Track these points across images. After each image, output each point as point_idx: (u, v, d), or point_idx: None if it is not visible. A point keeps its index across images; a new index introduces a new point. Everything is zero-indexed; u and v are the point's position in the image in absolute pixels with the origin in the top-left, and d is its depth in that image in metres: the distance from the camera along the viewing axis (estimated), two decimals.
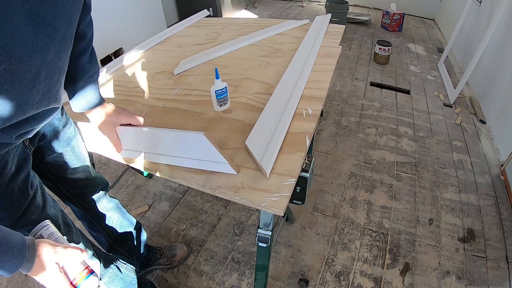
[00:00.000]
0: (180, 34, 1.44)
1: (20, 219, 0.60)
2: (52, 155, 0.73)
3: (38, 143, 0.69)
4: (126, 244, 1.05)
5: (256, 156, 0.68)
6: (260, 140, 0.73)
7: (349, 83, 2.62)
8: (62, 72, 0.57)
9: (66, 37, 0.53)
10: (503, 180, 1.67)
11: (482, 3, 2.53)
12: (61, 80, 0.58)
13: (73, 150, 0.77)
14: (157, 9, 3.21)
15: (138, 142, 0.74)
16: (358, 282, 1.22)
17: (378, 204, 1.54)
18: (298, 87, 0.93)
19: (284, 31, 1.41)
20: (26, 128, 0.54)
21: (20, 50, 0.43)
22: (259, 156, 0.68)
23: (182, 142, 0.65)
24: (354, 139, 1.97)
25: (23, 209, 0.60)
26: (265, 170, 0.64)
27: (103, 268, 0.84)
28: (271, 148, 0.70)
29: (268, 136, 0.74)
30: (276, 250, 1.33)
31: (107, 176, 1.73)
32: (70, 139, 0.75)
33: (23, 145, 0.62)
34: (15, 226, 0.60)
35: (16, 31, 0.42)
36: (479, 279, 1.23)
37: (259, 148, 0.70)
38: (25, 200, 0.61)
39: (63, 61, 0.56)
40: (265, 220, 0.77)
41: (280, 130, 0.76)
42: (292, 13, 4.47)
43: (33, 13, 0.43)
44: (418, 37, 3.62)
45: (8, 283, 1.25)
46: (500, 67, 2.07)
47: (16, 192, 0.59)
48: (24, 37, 0.43)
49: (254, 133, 0.76)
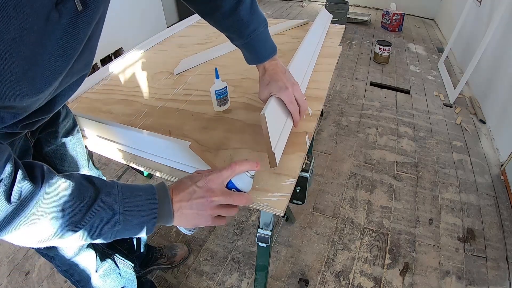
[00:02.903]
0: (180, 34, 1.44)
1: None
2: (51, 146, 0.73)
3: (38, 135, 0.69)
4: (126, 243, 1.05)
5: (272, 139, 0.62)
6: (275, 124, 0.69)
7: (349, 83, 2.62)
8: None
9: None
10: (503, 180, 1.67)
11: (482, 3, 2.54)
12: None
13: (72, 142, 0.77)
14: (157, 9, 3.21)
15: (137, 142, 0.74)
16: (358, 282, 1.22)
17: (378, 204, 1.54)
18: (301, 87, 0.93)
19: (284, 31, 1.40)
20: (35, 118, 0.51)
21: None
22: (274, 141, 0.64)
23: (172, 149, 0.65)
24: (354, 139, 1.97)
25: None
26: (276, 158, 0.63)
27: (99, 261, 0.84)
28: (282, 139, 0.69)
29: (279, 127, 0.72)
30: (276, 250, 1.33)
31: (107, 176, 1.73)
32: (69, 131, 0.76)
33: (25, 137, 0.62)
34: None
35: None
36: (479, 279, 1.23)
37: (273, 132, 0.65)
38: None
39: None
40: (265, 220, 0.77)
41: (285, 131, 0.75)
42: (292, 13, 4.47)
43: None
44: (418, 37, 3.62)
45: (8, 283, 1.25)
46: (500, 67, 2.07)
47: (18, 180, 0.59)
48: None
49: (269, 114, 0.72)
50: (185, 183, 0.49)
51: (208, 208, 0.48)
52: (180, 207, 0.47)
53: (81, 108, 0.94)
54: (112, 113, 0.90)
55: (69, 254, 0.75)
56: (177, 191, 0.48)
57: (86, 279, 0.81)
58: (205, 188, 0.48)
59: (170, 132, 0.81)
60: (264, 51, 0.71)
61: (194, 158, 0.61)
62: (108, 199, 0.41)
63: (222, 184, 0.49)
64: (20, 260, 1.33)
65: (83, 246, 0.79)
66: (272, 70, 0.70)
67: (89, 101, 0.98)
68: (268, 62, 0.71)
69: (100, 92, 1.02)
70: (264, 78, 0.71)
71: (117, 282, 0.89)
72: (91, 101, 0.98)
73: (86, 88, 1.04)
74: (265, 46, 0.70)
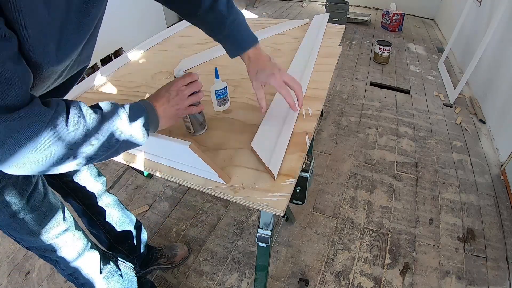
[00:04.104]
0: (180, 34, 1.44)
1: (24, 206, 0.62)
2: None
3: None
4: (126, 243, 1.05)
5: (263, 159, 0.67)
6: (266, 142, 0.73)
7: (349, 83, 2.62)
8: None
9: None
10: (503, 180, 1.67)
11: (482, 3, 2.53)
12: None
13: None
14: (157, 9, 3.21)
15: None
16: (358, 282, 1.22)
17: (378, 204, 1.54)
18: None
19: (284, 31, 1.40)
20: None
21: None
22: (267, 158, 0.68)
23: (172, 149, 0.65)
24: (354, 139, 1.97)
25: (27, 196, 0.62)
26: (273, 172, 0.64)
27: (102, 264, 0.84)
28: (277, 150, 0.70)
29: (273, 138, 0.74)
30: (276, 250, 1.33)
31: (107, 176, 1.73)
32: None
33: None
34: (19, 213, 0.62)
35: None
36: (479, 279, 1.23)
37: (265, 150, 0.70)
38: (29, 187, 0.63)
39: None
40: (265, 220, 0.77)
41: (285, 132, 0.76)
42: (292, 13, 4.47)
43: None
44: (418, 37, 3.62)
45: (8, 283, 1.25)
46: (500, 67, 2.07)
47: (20, 179, 0.61)
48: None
49: (259, 135, 0.75)
50: (160, 93, 0.64)
51: (183, 100, 0.65)
52: (164, 109, 0.62)
53: None
54: None
55: (73, 256, 0.75)
56: (156, 100, 0.62)
57: (91, 282, 0.81)
58: (175, 89, 0.64)
59: (170, 132, 0.81)
60: (247, 38, 0.73)
61: (194, 158, 0.61)
62: (124, 123, 0.52)
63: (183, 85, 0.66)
64: (20, 260, 1.33)
65: (86, 246, 0.79)
66: (257, 59, 0.73)
67: (89, 101, 0.98)
68: (252, 50, 0.73)
69: (100, 92, 1.02)
70: (251, 68, 0.74)
71: (119, 284, 0.89)
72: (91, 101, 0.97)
73: (86, 88, 1.04)
74: (246, 34, 0.73)
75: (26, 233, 0.65)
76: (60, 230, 0.71)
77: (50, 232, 0.68)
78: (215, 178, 0.65)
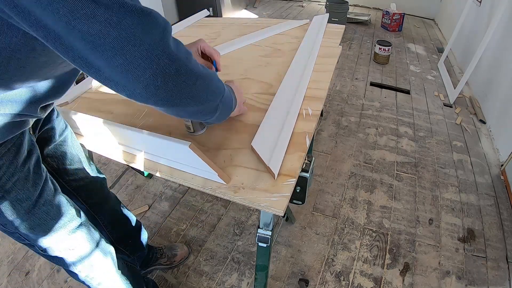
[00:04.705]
0: (180, 34, 1.44)
1: (38, 200, 0.62)
2: (50, 145, 0.75)
3: (37, 134, 0.72)
4: (128, 243, 1.05)
5: (264, 158, 0.67)
6: (267, 141, 0.73)
7: (349, 83, 2.63)
8: None
9: None
10: (503, 180, 1.67)
11: (482, 3, 2.54)
12: None
13: (67, 140, 0.79)
14: (157, 9, 3.21)
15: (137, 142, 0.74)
16: (358, 282, 1.22)
17: (378, 204, 1.54)
18: (300, 87, 0.93)
19: (284, 31, 1.40)
20: (50, 100, 0.58)
21: None
22: (267, 158, 0.68)
23: (172, 149, 0.65)
24: (354, 139, 1.97)
25: (39, 190, 0.62)
26: (274, 171, 0.64)
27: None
28: (277, 150, 0.70)
29: (273, 138, 0.74)
30: (276, 250, 1.33)
31: (107, 176, 1.73)
32: (63, 129, 0.78)
33: (29, 133, 0.64)
34: (34, 207, 0.61)
35: None
36: (479, 279, 1.23)
37: (266, 150, 0.70)
38: (40, 180, 0.63)
39: None
40: (265, 220, 0.77)
41: (286, 132, 0.76)
42: (292, 13, 4.47)
43: None
44: (418, 37, 3.62)
45: (8, 283, 1.25)
46: (500, 67, 2.07)
47: (32, 173, 0.61)
48: None
49: (260, 134, 0.75)
50: (237, 87, 0.77)
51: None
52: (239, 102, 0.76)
53: (81, 108, 0.94)
54: (112, 113, 0.90)
55: (89, 250, 0.74)
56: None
57: (107, 280, 0.81)
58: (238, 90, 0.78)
59: (170, 132, 0.81)
60: None
61: (194, 158, 0.61)
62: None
63: None
64: (20, 260, 1.33)
65: (101, 238, 0.78)
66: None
67: (89, 101, 0.98)
68: None
69: (100, 92, 1.02)
70: None
71: (130, 281, 0.89)
72: (91, 101, 0.98)
73: (86, 88, 1.04)
74: None
75: (43, 230, 0.64)
76: (76, 224, 0.70)
77: (66, 227, 0.68)
78: (215, 178, 0.65)
